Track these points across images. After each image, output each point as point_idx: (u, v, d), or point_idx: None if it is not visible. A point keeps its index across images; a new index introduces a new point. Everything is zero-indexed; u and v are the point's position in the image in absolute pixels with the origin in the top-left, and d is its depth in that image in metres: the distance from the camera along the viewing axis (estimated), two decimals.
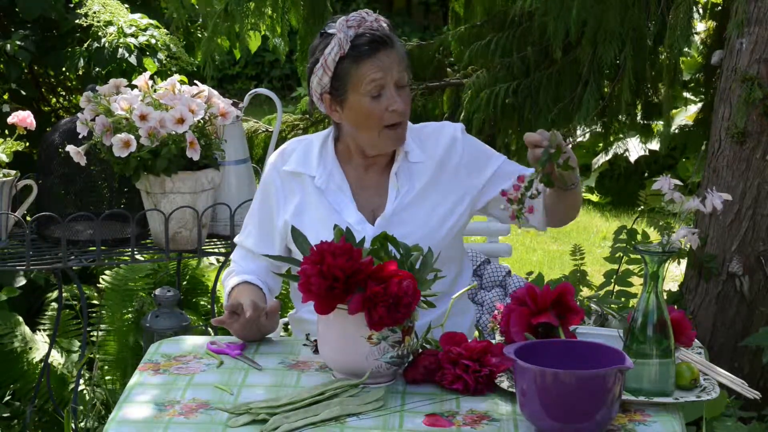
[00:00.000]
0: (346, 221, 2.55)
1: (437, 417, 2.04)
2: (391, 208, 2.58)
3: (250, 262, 2.67)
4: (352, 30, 2.49)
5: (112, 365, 3.99)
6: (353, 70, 2.49)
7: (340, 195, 2.59)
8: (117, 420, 2.04)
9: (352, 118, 2.53)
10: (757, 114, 3.64)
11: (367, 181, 2.62)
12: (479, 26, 4.63)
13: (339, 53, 2.48)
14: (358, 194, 2.61)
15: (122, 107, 2.99)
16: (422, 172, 2.61)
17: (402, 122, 2.54)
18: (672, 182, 2.16)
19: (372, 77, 2.48)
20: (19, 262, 3.16)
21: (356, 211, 2.58)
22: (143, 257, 3.55)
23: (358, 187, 2.61)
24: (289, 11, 4.73)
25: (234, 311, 2.38)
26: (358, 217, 2.58)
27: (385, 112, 2.50)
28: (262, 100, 6.71)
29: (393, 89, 2.50)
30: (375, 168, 2.62)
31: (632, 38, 4.08)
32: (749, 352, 3.72)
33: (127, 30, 4.00)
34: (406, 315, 2.10)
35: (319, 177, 2.60)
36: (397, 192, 2.59)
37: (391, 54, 2.50)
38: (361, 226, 2.56)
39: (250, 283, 2.60)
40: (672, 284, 4.80)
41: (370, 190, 2.61)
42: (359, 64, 2.48)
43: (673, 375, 2.11)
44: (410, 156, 2.61)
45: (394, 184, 2.59)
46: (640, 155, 7.72)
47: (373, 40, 2.48)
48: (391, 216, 2.57)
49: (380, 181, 2.61)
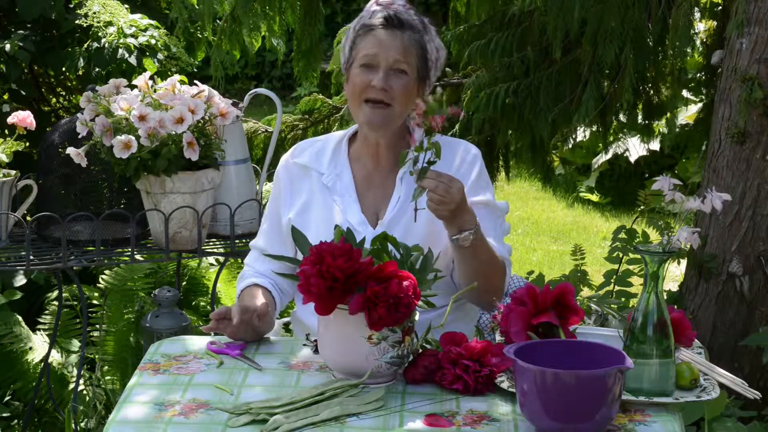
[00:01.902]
0: (349, 221, 2.57)
1: (437, 417, 2.04)
2: (392, 214, 2.59)
3: (261, 264, 2.68)
4: (380, 6, 2.57)
5: (112, 365, 3.99)
6: (359, 40, 2.57)
7: (346, 195, 2.61)
8: (117, 420, 2.04)
9: (349, 89, 2.59)
10: (757, 114, 3.64)
11: (374, 182, 2.64)
12: (479, 26, 4.62)
13: (360, 22, 2.58)
14: (363, 195, 2.62)
15: (122, 107, 2.99)
16: None
17: (382, 104, 2.54)
18: (672, 182, 2.17)
19: (367, 50, 2.54)
20: (19, 262, 3.16)
21: (359, 213, 2.60)
22: (143, 257, 3.55)
23: (364, 187, 2.63)
24: (286, 12, 4.74)
25: (224, 317, 2.40)
26: (360, 219, 2.59)
27: (368, 86, 2.53)
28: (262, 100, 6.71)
29: (384, 69, 2.53)
30: (382, 170, 2.64)
31: (632, 38, 4.08)
32: (749, 352, 3.72)
33: (127, 30, 4.00)
34: (406, 315, 2.10)
35: (328, 175, 2.63)
36: (399, 197, 2.60)
37: (397, 37, 2.54)
38: (363, 227, 2.57)
39: (259, 285, 2.61)
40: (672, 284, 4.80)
41: (375, 191, 2.63)
42: (365, 36, 2.56)
43: (673, 375, 2.11)
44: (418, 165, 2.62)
45: (398, 189, 2.61)
46: (640, 155, 7.72)
47: (386, 17, 2.55)
48: (390, 221, 2.58)
49: (386, 184, 2.63)
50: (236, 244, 3.23)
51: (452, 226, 2.41)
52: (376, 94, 2.53)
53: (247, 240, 3.27)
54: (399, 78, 2.54)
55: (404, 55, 2.54)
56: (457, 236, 2.41)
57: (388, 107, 2.55)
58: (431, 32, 2.60)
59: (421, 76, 2.58)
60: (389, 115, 2.56)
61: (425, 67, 2.59)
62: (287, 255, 2.57)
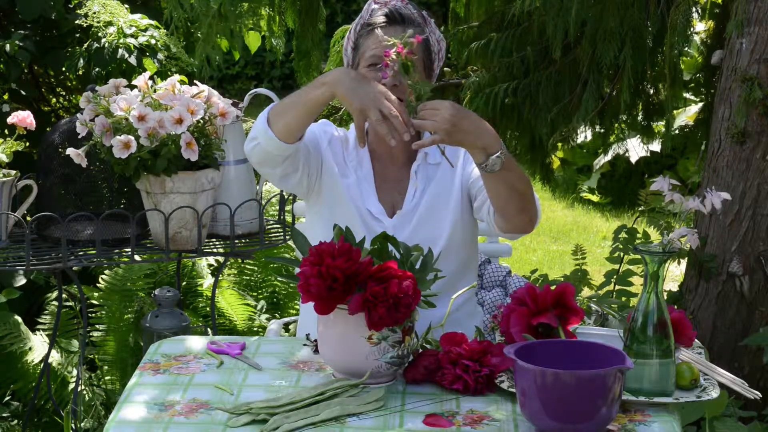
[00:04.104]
0: (368, 209, 2.62)
1: (437, 417, 2.04)
2: (410, 206, 2.63)
3: None
4: (378, 5, 2.59)
5: (112, 365, 3.99)
6: (363, 40, 2.59)
7: (365, 183, 2.65)
8: (117, 420, 2.04)
9: None
10: (757, 114, 3.64)
11: (390, 175, 2.67)
12: (479, 26, 4.63)
13: (360, 23, 2.60)
14: (380, 187, 2.66)
15: (121, 108, 2.99)
16: (440, 174, 2.65)
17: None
18: (670, 182, 2.17)
19: (373, 50, 2.56)
20: (19, 262, 3.15)
21: (377, 202, 2.64)
22: (143, 257, 3.55)
23: (381, 180, 2.67)
24: (286, 12, 4.74)
25: None
26: (378, 208, 2.63)
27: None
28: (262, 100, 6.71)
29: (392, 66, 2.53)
30: (397, 163, 2.67)
31: (632, 38, 4.08)
32: (749, 352, 3.73)
33: (127, 30, 4.00)
34: (406, 315, 2.10)
35: (352, 161, 2.66)
36: (415, 190, 2.64)
37: (400, 33, 2.53)
38: (382, 216, 2.62)
39: None
40: (672, 284, 4.80)
41: (391, 185, 2.67)
42: (369, 35, 2.58)
43: (673, 375, 2.11)
44: (429, 157, 2.66)
45: (414, 182, 2.64)
46: (640, 156, 7.72)
47: (387, 14, 2.57)
48: (408, 213, 2.62)
49: (401, 177, 2.67)
50: (236, 244, 3.23)
51: (475, 150, 2.37)
52: None
53: (247, 240, 3.27)
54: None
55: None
56: (485, 162, 2.36)
57: (401, 102, 2.56)
58: (431, 24, 2.64)
59: (427, 68, 2.62)
60: (402, 109, 2.57)
61: (429, 59, 2.63)
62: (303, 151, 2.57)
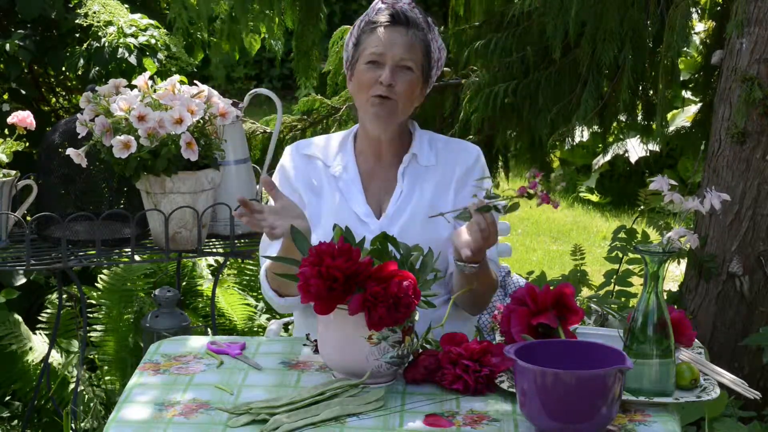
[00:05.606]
0: (355, 212, 2.61)
1: (437, 417, 2.04)
2: (395, 207, 2.62)
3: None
4: (385, 5, 2.60)
5: (112, 365, 3.99)
6: (364, 37, 2.60)
7: (352, 186, 2.64)
8: (117, 420, 2.04)
9: (355, 86, 2.61)
10: (757, 114, 3.64)
11: (376, 176, 2.67)
12: (478, 26, 4.62)
13: (364, 20, 2.61)
14: (367, 188, 2.66)
15: (121, 108, 2.99)
16: (430, 177, 2.65)
17: (388, 100, 2.56)
18: (668, 182, 2.16)
19: (374, 48, 2.56)
20: (19, 262, 3.16)
21: (365, 203, 2.63)
22: (143, 257, 3.55)
23: (367, 181, 2.66)
24: (285, 12, 4.74)
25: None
26: (366, 210, 2.62)
27: (376, 83, 2.56)
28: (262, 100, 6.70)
29: (391, 66, 2.56)
30: (383, 165, 2.67)
31: (631, 38, 4.08)
32: (749, 352, 3.72)
33: (127, 30, 4.00)
34: (406, 315, 2.10)
35: (335, 166, 2.65)
36: (401, 192, 2.63)
37: (403, 34, 2.57)
38: (369, 218, 2.61)
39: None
40: (672, 284, 4.80)
41: (378, 185, 2.66)
42: (370, 34, 2.59)
43: (673, 375, 2.11)
44: (420, 159, 2.66)
45: (400, 184, 2.64)
46: (640, 156, 7.72)
47: (392, 14, 2.58)
48: (394, 213, 2.61)
49: (388, 178, 2.66)
50: (236, 244, 3.23)
51: (466, 249, 2.37)
52: (383, 91, 2.56)
53: (246, 240, 3.27)
54: (404, 74, 2.57)
55: (410, 52, 2.57)
56: (463, 264, 2.38)
57: (392, 101, 2.57)
58: (434, 31, 2.64)
59: (425, 73, 2.62)
60: (392, 108, 2.58)
61: (428, 65, 2.63)
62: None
